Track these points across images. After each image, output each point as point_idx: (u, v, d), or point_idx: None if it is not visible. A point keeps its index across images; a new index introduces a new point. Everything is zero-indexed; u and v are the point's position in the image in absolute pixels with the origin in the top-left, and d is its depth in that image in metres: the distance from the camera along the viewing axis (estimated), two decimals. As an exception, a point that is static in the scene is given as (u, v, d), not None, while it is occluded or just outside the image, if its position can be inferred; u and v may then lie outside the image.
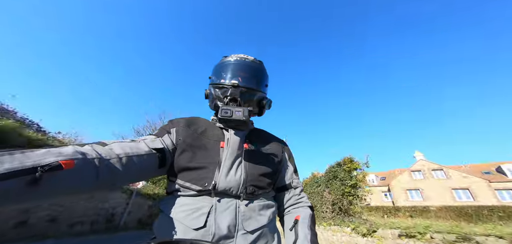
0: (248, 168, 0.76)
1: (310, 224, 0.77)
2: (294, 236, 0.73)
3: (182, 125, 0.83)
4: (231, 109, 0.74)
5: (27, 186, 0.42)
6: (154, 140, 0.75)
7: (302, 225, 0.76)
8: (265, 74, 0.98)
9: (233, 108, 0.75)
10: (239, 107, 0.76)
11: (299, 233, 0.73)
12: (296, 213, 0.83)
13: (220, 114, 0.73)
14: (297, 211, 0.84)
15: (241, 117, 0.73)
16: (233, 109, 0.74)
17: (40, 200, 0.47)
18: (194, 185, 0.70)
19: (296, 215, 0.81)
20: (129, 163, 0.63)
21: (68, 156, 0.50)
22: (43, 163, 0.45)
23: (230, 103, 0.83)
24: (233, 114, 0.73)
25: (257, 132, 0.95)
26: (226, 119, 0.73)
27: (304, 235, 0.72)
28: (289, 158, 0.95)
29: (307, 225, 0.76)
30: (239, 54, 0.95)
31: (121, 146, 0.65)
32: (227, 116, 0.72)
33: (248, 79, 0.89)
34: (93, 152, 0.58)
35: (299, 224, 0.76)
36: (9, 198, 0.41)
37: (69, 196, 0.54)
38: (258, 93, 0.92)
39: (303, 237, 0.71)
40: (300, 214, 0.81)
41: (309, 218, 0.79)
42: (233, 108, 0.75)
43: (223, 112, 0.73)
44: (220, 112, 0.73)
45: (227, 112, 0.73)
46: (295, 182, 0.90)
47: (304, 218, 0.79)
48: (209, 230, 0.63)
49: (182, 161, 0.74)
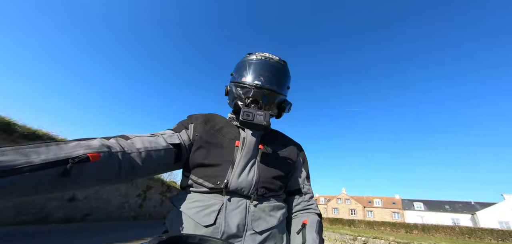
0: (261, 170, 0.75)
1: (318, 229, 0.76)
2: (301, 239, 0.72)
3: (200, 121, 0.83)
4: (252, 112, 0.73)
5: (59, 176, 0.46)
6: (172, 135, 0.77)
7: (310, 230, 0.74)
8: (288, 76, 0.94)
9: (254, 111, 0.73)
10: (260, 110, 0.75)
11: (307, 237, 0.72)
12: (304, 217, 0.82)
13: (242, 116, 0.72)
14: (304, 216, 0.83)
15: (262, 121, 0.71)
16: (254, 112, 0.72)
17: (69, 189, 0.51)
18: (207, 182, 0.71)
19: (303, 219, 0.80)
20: (148, 157, 0.66)
21: (95, 149, 0.54)
22: (73, 155, 0.49)
23: (251, 106, 0.81)
24: (254, 117, 0.72)
25: (274, 133, 0.94)
26: (247, 122, 0.72)
27: (312, 240, 0.70)
28: (303, 163, 0.93)
29: (315, 230, 0.75)
30: (264, 53, 0.91)
31: (141, 140, 0.67)
32: (249, 119, 0.71)
33: (271, 81, 0.86)
34: (118, 145, 0.61)
35: (307, 228, 0.75)
36: (44, 186, 0.45)
37: (94, 187, 0.58)
38: (279, 95, 0.89)
39: (311, 241, 0.70)
40: (307, 218, 0.80)
41: (317, 224, 0.78)
42: (254, 111, 0.73)
43: (245, 114, 0.72)
44: (242, 114, 0.72)
45: (249, 115, 0.72)
46: (306, 188, 0.89)
47: (312, 222, 0.78)
48: (218, 228, 0.65)
49: (197, 157, 0.75)
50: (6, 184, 0.39)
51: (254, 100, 0.82)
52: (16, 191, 0.41)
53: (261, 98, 0.82)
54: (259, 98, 0.82)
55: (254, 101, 0.82)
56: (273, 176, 0.77)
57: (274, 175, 0.78)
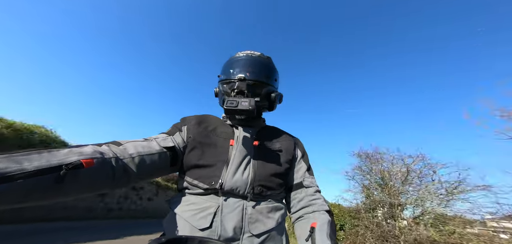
0: (256, 167, 0.73)
1: (329, 232, 0.67)
2: None
3: (194, 122, 0.83)
4: (236, 99, 0.72)
5: (53, 183, 0.47)
6: (166, 138, 0.77)
7: (320, 234, 0.66)
8: (274, 69, 0.93)
9: (239, 98, 0.73)
10: (246, 98, 0.74)
11: (317, 243, 0.64)
12: (312, 219, 0.73)
13: (226, 104, 0.71)
14: (313, 216, 0.75)
15: (247, 107, 0.70)
16: (239, 100, 0.72)
17: (63, 196, 0.50)
18: (202, 183, 0.70)
19: (312, 222, 0.71)
20: (142, 162, 0.66)
21: (88, 155, 0.54)
22: (67, 162, 0.49)
23: (237, 96, 0.79)
24: (239, 104, 0.71)
25: (269, 129, 0.92)
26: (232, 109, 0.71)
27: None
28: (302, 156, 0.89)
29: (326, 233, 0.66)
30: (247, 51, 0.92)
31: (134, 146, 0.68)
32: (233, 106, 0.71)
33: (255, 73, 0.85)
34: (110, 152, 0.61)
35: (317, 232, 0.67)
36: (38, 193, 0.45)
37: (88, 193, 0.57)
38: (266, 86, 0.87)
39: None
40: (317, 220, 0.71)
41: (327, 225, 0.69)
42: (239, 98, 0.73)
43: (229, 102, 0.71)
44: (226, 102, 0.72)
45: (233, 102, 0.71)
46: (308, 181, 0.82)
47: (322, 225, 0.69)
48: (215, 231, 0.63)
49: (192, 158, 0.75)
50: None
51: (239, 91, 0.81)
52: (8, 198, 0.41)
53: (246, 88, 0.80)
54: (244, 88, 0.80)
55: (239, 92, 0.80)
56: (269, 173, 0.75)
57: (271, 172, 0.75)
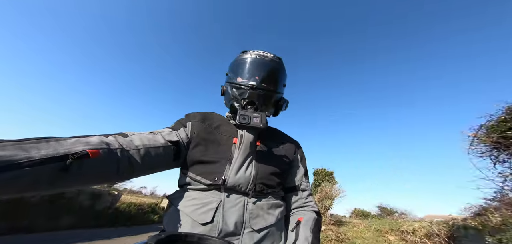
0: (258, 166, 0.76)
1: (312, 226, 0.75)
2: (295, 236, 0.73)
3: (198, 119, 0.84)
4: (249, 115, 0.73)
5: (59, 172, 0.47)
6: (170, 133, 0.77)
7: (304, 227, 0.74)
8: (284, 73, 0.93)
9: (251, 114, 0.74)
10: (256, 111, 0.76)
11: (300, 234, 0.72)
12: (300, 215, 0.82)
13: (238, 120, 0.72)
14: (301, 213, 0.83)
15: (258, 124, 0.72)
16: (251, 115, 0.73)
17: (68, 186, 0.51)
18: (205, 178, 0.72)
19: (299, 217, 0.80)
20: (146, 155, 0.67)
21: (95, 145, 0.54)
22: (73, 151, 0.49)
23: (247, 107, 0.81)
24: (251, 121, 0.72)
25: (271, 131, 0.94)
26: (244, 125, 0.73)
27: (305, 237, 0.71)
28: (301, 160, 0.93)
29: (310, 227, 0.74)
30: (258, 51, 0.89)
31: (140, 138, 0.68)
32: (245, 122, 0.72)
33: (266, 80, 0.85)
34: (116, 142, 0.61)
35: (301, 225, 0.75)
36: (44, 182, 0.45)
37: (93, 184, 0.57)
38: (276, 94, 0.89)
39: (303, 239, 0.70)
40: (303, 216, 0.80)
41: (312, 221, 0.78)
42: (251, 114, 0.74)
43: (241, 118, 0.72)
44: (238, 117, 0.73)
45: (245, 118, 0.72)
46: (304, 185, 0.89)
47: (307, 220, 0.78)
48: (216, 225, 0.64)
49: (195, 154, 0.76)
50: (6, 179, 0.39)
51: (250, 101, 0.82)
52: (15, 186, 0.41)
53: (256, 98, 0.82)
54: (255, 99, 0.82)
55: (250, 102, 0.82)
56: (270, 172, 0.78)
57: (272, 172, 0.78)
